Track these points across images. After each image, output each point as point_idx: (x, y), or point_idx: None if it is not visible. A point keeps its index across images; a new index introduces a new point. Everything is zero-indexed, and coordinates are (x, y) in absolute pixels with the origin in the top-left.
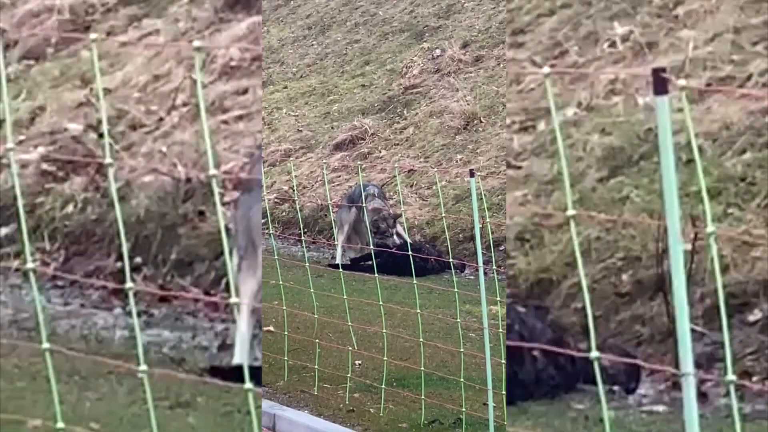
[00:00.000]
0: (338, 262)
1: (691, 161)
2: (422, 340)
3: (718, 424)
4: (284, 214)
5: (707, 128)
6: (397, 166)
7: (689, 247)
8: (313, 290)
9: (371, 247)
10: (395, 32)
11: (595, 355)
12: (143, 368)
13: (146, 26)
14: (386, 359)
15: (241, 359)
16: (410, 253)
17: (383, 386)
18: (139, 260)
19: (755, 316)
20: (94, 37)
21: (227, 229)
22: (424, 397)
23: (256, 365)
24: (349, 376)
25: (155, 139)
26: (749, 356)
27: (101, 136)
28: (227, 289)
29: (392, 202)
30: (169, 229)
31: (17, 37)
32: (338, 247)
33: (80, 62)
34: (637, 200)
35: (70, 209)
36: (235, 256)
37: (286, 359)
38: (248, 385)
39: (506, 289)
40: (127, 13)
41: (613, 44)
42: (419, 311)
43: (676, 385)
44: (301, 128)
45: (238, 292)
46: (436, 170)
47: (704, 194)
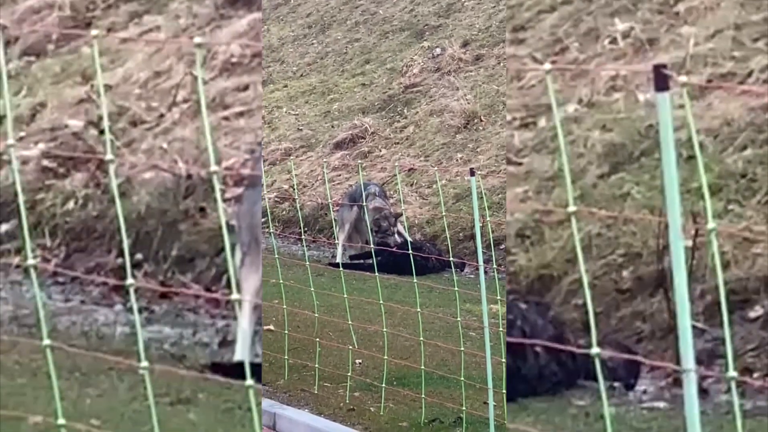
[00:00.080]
0: (339, 260)
1: (691, 158)
2: (422, 338)
3: (718, 420)
4: (284, 212)
5: (708, 125)
6: (397, 164)
7: (690, 243)
8: (313, 289)
9: (371, 246)
10: (395, 31)
11: (595, 351)
12: (144, 365)
13: (147, 23)
14: (386, 358)
15: (242, 356)
16: (411, 251)
17: (383, 385)
18: (139, 257)
19: (756, 312)
20: (94, 33)
21: (230, 225)
22: (424, 395)
23: (256, 362)
24: (349, 374)
25: (156, 135)
26: (750, 353)
27: (102, 132)
28: (228, 285)
29: (392, 201)
30: (169, 225)
31: (18, 33)
32: (339, 245)
33: (81, 59)
34: (637, 197)
35: (70, 205)
36: (238, 252)
37: (286, 358)
38: (249, 381)
39: (507, 285)
40: (127, 9)
41: (613, 41)
42: (419, 310)
43: (676, 381)
44: (301, 127)
45: (240, 288)
46: (436, 169)
47: (705, 191)
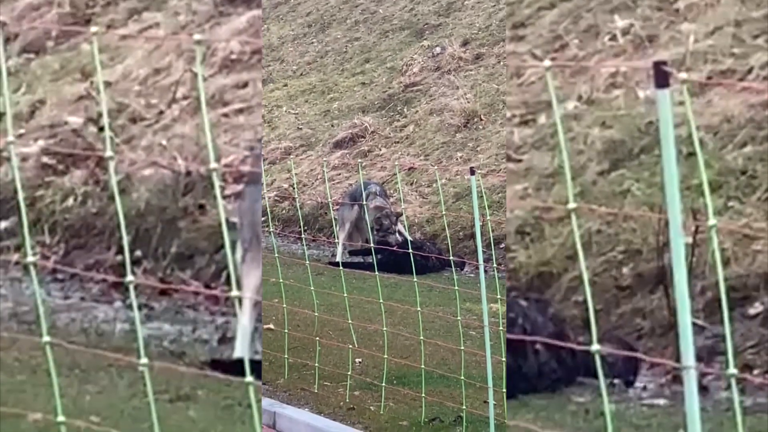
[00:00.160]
0: (339, 259)
1: (691, 155)
2: (422, 337)
3: (718, 417)
4: (284, 212)
5: (708, 122)
6: (397, 164)
7: (690, 240)
8: (313, 288)
9: (372, 244)
10: (395, 30)
11: (596, 348)
12: (144, 362)
13: (146, 19)
14: (386, 357)
15: (242, 353)
16: (411, 250)
17: (383, 384)
18: (139, 254)
19: (756, 309)
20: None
21: (230, 222)
22: (424, 394)
23: (256, 359)
24: (349, 373)
25: (155, 132)
26: (750, 349)
27: (101, 129)
28: (228, 282)
29: (393, 200)
30: (169, 222)
31: (17, 30)
32: (339, 244)
33: (80, 55)
34: (637, 193)
35: (70, 202)
36: (239, 248)
37: (286, 357)
38: (249, 378)
39: (507, 282)
40: (127, 6)
41: (613, 37)
42: (419, 309)
43: (676, 378)
44: (301, 126)
45: (240, 285)
46: (436, 168)
47: (705, 188)
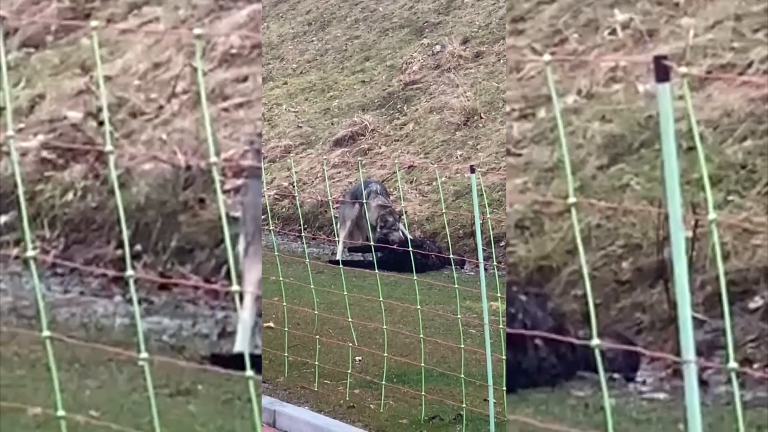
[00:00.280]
0: (339, 258)
1: (691, 149)
2: (422, 336)
3: (718, 411)
4: (284, 210)
5: (708, 116)
6: (397, 162)
7: (690, 234)
8: (313, 286)
9: (371, 243)
10: (395, 28)
11: (595, 342)
12: (144, 356)
13: (146, 14)
14: (386, 355)
15: (242, 347)
16: (410, 249)
17: (383, 382)
18: (139, 248)
19: (756, 303)
20: (94, 24)
21: (230, 216)
22: (424, 393)
23: (256, 353)
24: (349, 372)
25: (155, 126)
26: (750, 343)
27: (101, 123)
28: (228, 276)
29: (393, 198)
30: (169, 216)
31: (17, 24)
32: (339, 242)
33: (80, 50)
34: (637, 188)
35: (69, 197)
36: (242, 241)
37: (286, 355)
38: (249, 372)
39: (507, 276)
40: (126, 0)
41: (613, 32)
42: (419, 307)
43: (676, 372)
44: (300, 124)
45: (242, 279)
46: (436, 166)
47: (706, 182)
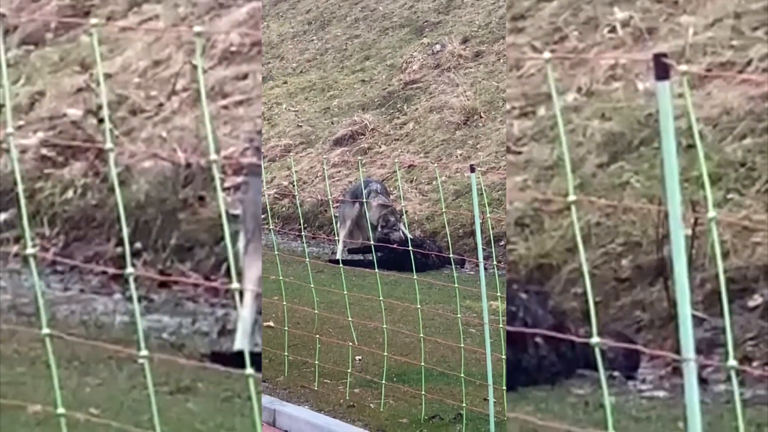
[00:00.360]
0: (339, 257)
1: (691, 147)
2: (422, 335)
3: (717, 409)
4: (284, 209)
5: (707, 114)
6: (397, 161)
7: (689, 232)
8: (313, 286)
9: (372, 242)
10: (395, 27)
11: (596, 340)
12: (143, 354)
13: (146, 11)
14: (386, 354)
15: (242, 345)
16: (411, 248)
17: (383, 381)
18: (139, 245)
19: (755, 301)
20: (94, 22)
21: (230, 213)
22: (424, 392)
23: (256, 351)
24: (349, 371)
25: (155, 124)
26: (749, 342)
27: (101, 121)
28: (227, 274)
29: (393, 197)
30: (169, 214)
31: (17, 22)
32: (339, 242)
33: (80, 47)
34: (637, 186)
35: (69, 194)
36: (242, 238)
37: (286, 354)
38: (249, 370)
39: (507, 274)
40: None
41: (613, 29)
42: (419, 306)
43: (676, 370)
44: (300, 123)
45: (242, 276)
46: (436, 165)
47: (705, 180)
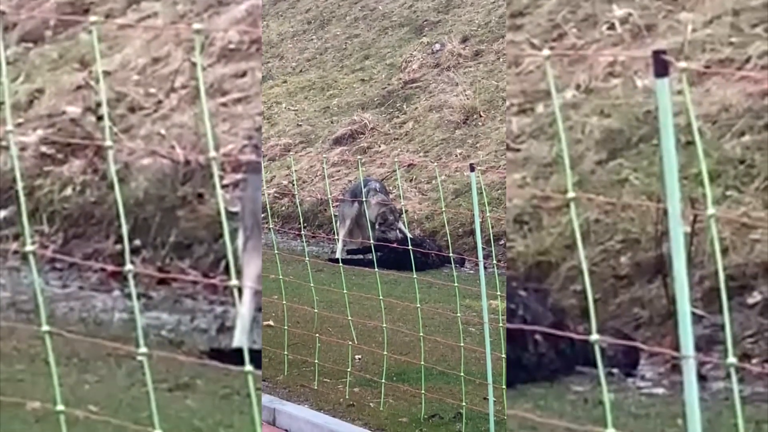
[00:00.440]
0: (338, 256)
1: (690, 144)
2: (422, 334)
3: (716, 406)
4: (284, 208)
5: (706, 111)
6: (396, 160)
7: (688, 229)
8: (312, 285)
9: (372, 241)
10: (395, 27)
11: (595, 337)
12: (142, 351)
13: (145, 9)
14: (386, 354)
15: (240, 342)
16: (410, 247)
17: (383, 381)
18: (137, 243)
19: (754, 298)
20: (93, 19)
21: (229, 211)
22: (424, 391)
23: (255, 348)
24: (349, 370)
25: (154, 121)
26: (748, 339)
27: (100, 118)
28: (226, 271)
29: (392, 196)
30: (168, 211)
31: (16, 19)
32: (339, 241)
33: (79, 45)
34: (636, 183)
35: (68, 192)
36: (241, 236)
37: (286, 354)
38: (248, 367)
39: (506, 271)
40: None
41: (611, 26)
42: (419, 306)
43: (675, 367)
44: (300, 123)
45: (241, 273)
46: (435, 165)
47: (705, 177)
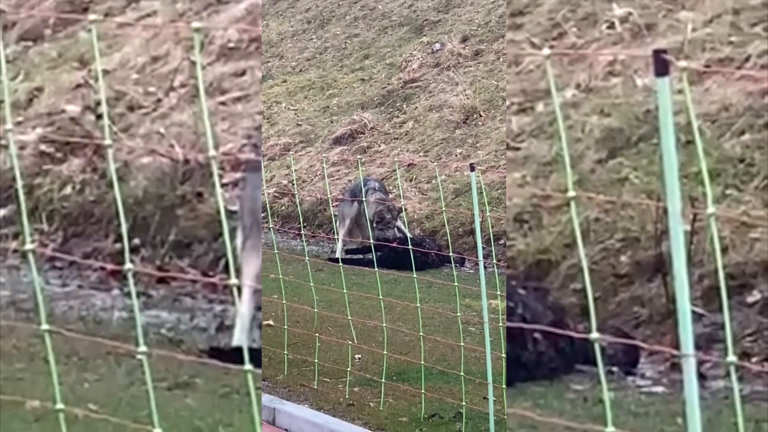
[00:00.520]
0: (338, 256)
1: (689, 143)
2: (422, 334)
3: (716, 405)
4: (284, 208)
5: (706, 110)
6: (396, 160)
7: (688, 228)
8: (312, 284)
9: (372, 241)
10: (395, 26)
11: (595, 336)
12: (142, 349)
13: (144, 7)
14: (386, 353)
15: (240, 341)
16: (410, 247)
17: (383, 380)
18: (137, 241)
19: (754, 297)
20: (92, 18)
21: (228, 209)
22: (424, 391)
23: (255, 347)
24: (349, 370)
25: (153, 120)
26: (748, 337)
27: (99, 117)
28: (226, 270)
29: (392, 196)
30: (167, 210)
31: (15, 18)
32: (339, 240)
33: (78, 43)
34: (635, 181)
35: (68, 190)
36: (239, 235)
37: (285, 353)
38: (248, 366)
39: (506, 270)
40: None
41: (611, 25)
42: (419, 305)
43: (675, 366)
44: (300, 122)
45: (240, 272)
46: (435, 164)
47: (705, 175)
